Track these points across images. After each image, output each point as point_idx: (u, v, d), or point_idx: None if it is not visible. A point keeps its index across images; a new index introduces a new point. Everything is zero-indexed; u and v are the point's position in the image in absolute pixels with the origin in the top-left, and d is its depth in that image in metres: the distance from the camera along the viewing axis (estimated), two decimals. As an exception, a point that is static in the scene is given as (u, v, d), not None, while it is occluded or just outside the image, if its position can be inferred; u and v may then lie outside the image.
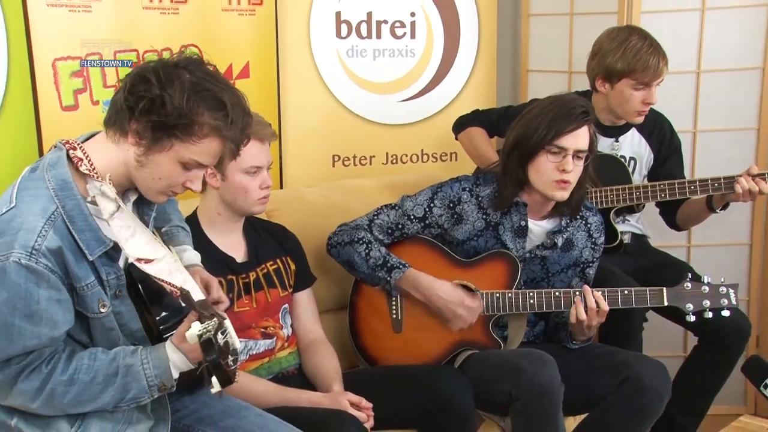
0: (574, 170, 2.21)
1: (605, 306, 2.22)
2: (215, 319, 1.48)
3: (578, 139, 2.20)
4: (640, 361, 2.26)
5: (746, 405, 3.21)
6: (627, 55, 2.55)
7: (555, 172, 2.20)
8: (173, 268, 1.62)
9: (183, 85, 1.54)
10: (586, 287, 2.24)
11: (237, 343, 1.52)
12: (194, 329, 1.47)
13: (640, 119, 2.66)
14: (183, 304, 1.63)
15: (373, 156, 3.20)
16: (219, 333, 1.47)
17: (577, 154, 2.20)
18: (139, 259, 1.59)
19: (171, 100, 1.52)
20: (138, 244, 1.60)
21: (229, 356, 1.49)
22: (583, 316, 2.21)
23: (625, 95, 2.60)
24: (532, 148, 2.21)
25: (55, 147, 1.65)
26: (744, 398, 3.22)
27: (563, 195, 2.24)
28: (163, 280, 1.59)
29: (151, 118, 1.54)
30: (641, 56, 2.54)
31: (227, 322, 1.50)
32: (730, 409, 3.02)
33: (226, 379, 1.49)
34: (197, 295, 1.63)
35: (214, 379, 1.48)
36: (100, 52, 2.50)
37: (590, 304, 2.21)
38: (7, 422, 1.63)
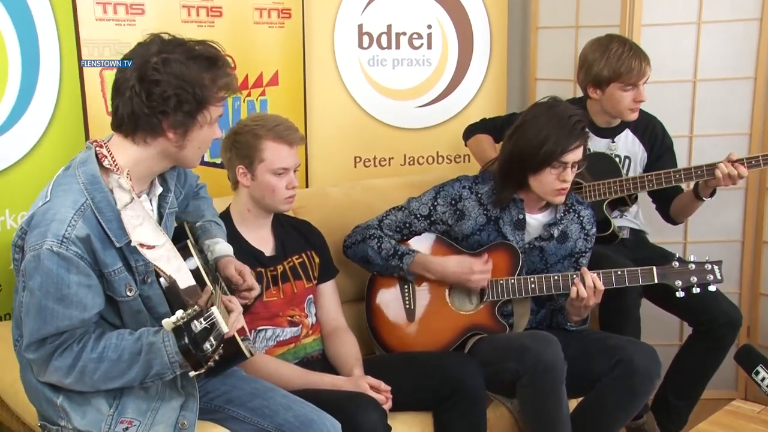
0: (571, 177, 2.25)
1: (601, 285, 2.22)
2: (196, 306, 1.46)
3: (578, 152, 2.22)
4: (631, 344, 2.25)
5: (737, 390, 3.18)
6: (610, 61, 2.56)
7: (556, 182, 2.23)
8: (171, 255, 1.61)
9: (185, 67, 1.56)
10: (585, 269, 2.25)
11: (223, 328, 1.47)
12: (172, 317, 1.45)
13: (635, 115, 2.65)
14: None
15: (392, 157, 3.19)
16: (197, 320, 1.44)
17: (574, 164, 2.23)
18: (141, 245, 1.58)
19: (191, 86, 1.55)
20: (144, 231, 1.59)
21: (208, 341, 1.45)
22: (583, 293, 2.20)
23: (616, 98, 2.60)
24: (538, 164, 2.21)
25: (86, 147, 1.66)
26: (735, 384, 3.18)
27: (562, 200, 2.29)
28: (158, 268, 1.59)
29: (183, 108, 1.57)
30: (623, 60, 2.54)
31: (213, 309, 1.47)
32: (722, 394, 2.98)
33: (196, 363, 1.47)
34: (186, 282, 1.61)
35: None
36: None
37: (588, 283, 2.21)
38: (54, 400, 1.65)
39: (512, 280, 2.30)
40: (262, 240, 2.21)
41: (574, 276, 2.24)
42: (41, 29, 2.29)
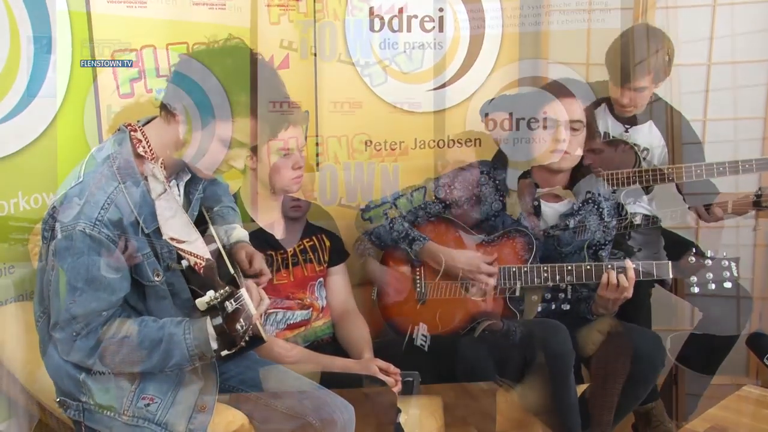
0: None
1: (632, 272, 2.17)
2: (227, 287, 1.49)
3: (561, 110, 2.26)
4: (634, 332, 2.25)
5: (748, 376, 3.17)
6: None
7: (550, 143, 2.27)
8: (200, 250, 1.64)
9: (223, 68, 1.56)
10: (628, 261, 2.20)
11: (252, 310, 1.52)
12: (205, 297, 1.48)
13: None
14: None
15: (403, 141, 3.17)
16: (229, 300, 1.48)
17: (567, 123, 2.27)
18: (171, 239, 1.61)
19: (210, 82, 1.54)
20: (175, 225, 1.62)
21: (239, 321, 1.49)
22: (624, 282, 2.16)
23: None
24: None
25: (119, 130, 1.68)
26: (746, 369, 3.18)
27: (557, 158, 2.27)
28: (190, 253, 1.61)
29: (192, 97, 1.56)
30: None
31: (242, 291, 1.51)
32: (733, 379, 2.98)
33: (230, 342, 1.51)
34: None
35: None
36: (154, 45, 2.51)
37: (630, 274, 2.17)
38: (77, 376, 1.68)
39: (525, 268, 2.30)
40: (273, 223, 2.22)
41: (588, 266, 2.23)
42: (52, 11, 2.29)
